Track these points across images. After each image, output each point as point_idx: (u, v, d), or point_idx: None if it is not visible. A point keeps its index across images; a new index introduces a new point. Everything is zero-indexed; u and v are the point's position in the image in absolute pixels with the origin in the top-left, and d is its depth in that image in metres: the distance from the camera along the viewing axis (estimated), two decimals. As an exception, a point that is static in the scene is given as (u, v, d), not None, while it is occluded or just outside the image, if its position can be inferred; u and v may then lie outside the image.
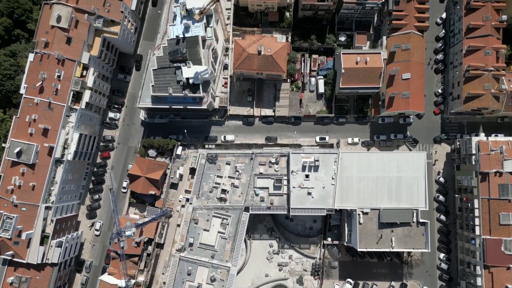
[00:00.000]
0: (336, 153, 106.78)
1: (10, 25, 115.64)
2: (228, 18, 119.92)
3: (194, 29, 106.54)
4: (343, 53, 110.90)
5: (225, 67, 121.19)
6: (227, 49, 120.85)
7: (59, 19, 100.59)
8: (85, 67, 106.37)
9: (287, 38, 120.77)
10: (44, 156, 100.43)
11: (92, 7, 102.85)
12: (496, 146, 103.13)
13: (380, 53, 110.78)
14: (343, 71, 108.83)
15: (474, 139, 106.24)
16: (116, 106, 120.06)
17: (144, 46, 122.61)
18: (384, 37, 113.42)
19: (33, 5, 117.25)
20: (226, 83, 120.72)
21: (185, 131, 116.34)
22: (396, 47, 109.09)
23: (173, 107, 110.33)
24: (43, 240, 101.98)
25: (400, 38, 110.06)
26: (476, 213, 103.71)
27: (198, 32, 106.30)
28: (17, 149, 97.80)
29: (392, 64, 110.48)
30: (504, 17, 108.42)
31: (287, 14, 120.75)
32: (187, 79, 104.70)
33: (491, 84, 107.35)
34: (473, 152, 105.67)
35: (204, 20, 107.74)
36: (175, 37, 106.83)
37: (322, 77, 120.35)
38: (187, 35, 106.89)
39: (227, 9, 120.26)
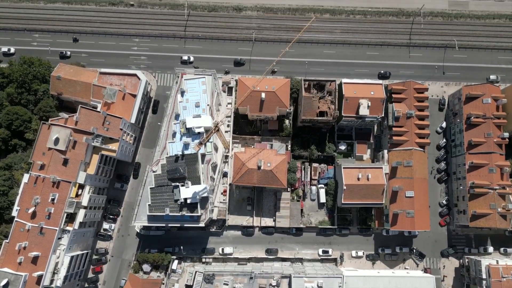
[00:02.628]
0: (341, 277, 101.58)
1: (7, 136, 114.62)
2: (228, 126, 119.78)
3: (194, 145, 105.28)
4: (344, 168, 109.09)
5: (225, 174, 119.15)
6: (226, 156, 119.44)
7: (56, 141, 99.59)
8: (81, 186, 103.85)
9: (286, 146, 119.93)
10: (32, 285, 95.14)
11: (91, 127, 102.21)
12: (507, 272, 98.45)
13: (381, 167, 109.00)
14: (344, 187, 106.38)
15: (484, 262, 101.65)
16: (111, 216, 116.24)
17: (142, 154, 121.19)
18: (385, 151, 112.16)
19: (33, 115, 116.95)
20: (225, 191, 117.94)
21: (181, 247, 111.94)
22: (398, 164, 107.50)
23: (169, 225, 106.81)
24: None
25: (402, 154, 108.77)
26: None
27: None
28: (4, 281, 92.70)
29: (395, 180, 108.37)
30: (506, 134, 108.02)
31: (287, 122, 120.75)
32: (185, 199, 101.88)
33: (497, 203, 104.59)
34: (484, 276, 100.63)
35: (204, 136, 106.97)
36: (174, 155, 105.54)
37: (323, 185, 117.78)
38: (186, 152, 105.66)
39: (227, 116, 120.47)
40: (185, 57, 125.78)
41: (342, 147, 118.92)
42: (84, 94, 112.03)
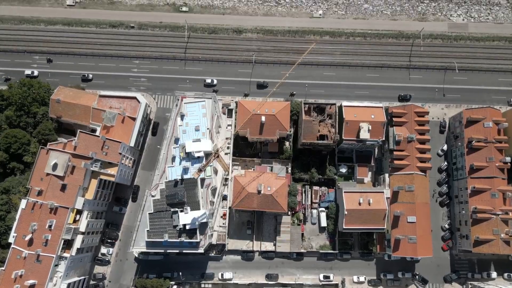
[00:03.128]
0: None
1: (6, 160, 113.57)
2: (227, 148, 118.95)
3: (193, 171, 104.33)
4: (345, 192, 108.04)
5: (224, 197, 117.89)
6: (226, 179, 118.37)
7: (55, 167, 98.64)
8: (79, 211, 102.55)
9: (287, 169, 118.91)
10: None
11: (90, 152, 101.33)
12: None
13: (383, 192, 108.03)
14: (345, 212, 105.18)
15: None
16: (109, 240, 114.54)
17: (142, 176, 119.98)
18: (387, 175, 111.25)
19: (32, 138, 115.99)
20: (224, 214, 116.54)
21: (180, 273, 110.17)
22: (399, 188, 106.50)
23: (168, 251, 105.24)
24: None
25: (403, 178, 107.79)
26: None
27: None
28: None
29: (396, 205, 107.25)
30: (508, 158, 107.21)
31: (287, 144, 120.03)
32: (184, 225, 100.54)
33: (500, 229, 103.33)
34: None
35: (204, 161, 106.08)
36: (173, 179, 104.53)
37: (324, 209, 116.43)
38: (185, 176, 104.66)
39: (227, 138, 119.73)
40: (209, 80, 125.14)
41: (343, 170, 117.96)
42: (84, 117, 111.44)
